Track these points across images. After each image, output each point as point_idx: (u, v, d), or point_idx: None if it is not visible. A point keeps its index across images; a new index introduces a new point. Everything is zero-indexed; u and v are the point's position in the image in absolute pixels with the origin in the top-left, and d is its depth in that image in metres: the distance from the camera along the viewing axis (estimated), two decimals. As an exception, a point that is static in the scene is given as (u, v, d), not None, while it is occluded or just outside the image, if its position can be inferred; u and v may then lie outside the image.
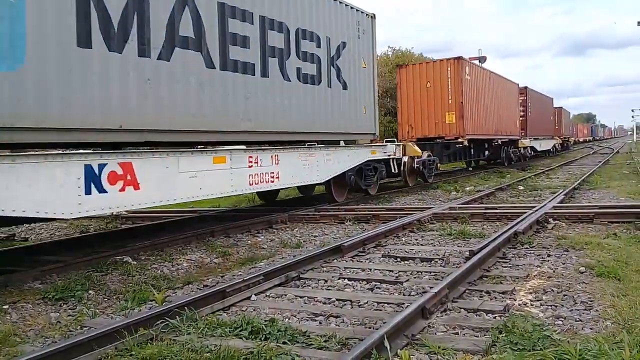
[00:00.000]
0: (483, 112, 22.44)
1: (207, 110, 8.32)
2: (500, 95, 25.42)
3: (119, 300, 5.54)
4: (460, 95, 19.78)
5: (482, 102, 22.44)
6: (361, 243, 7.37)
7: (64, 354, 3.64)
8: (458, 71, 19.90)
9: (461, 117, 19.71)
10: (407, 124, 20.68)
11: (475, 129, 21.22)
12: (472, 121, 20.75)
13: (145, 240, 8.63)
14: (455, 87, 19.83)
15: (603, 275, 5.43)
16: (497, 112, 24.68)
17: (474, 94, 21.27)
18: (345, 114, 12.08)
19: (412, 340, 3.91)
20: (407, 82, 20.68)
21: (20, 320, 4.93)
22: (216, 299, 4.93)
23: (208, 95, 8.34)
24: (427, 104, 20.25)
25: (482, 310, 4.51)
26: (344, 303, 4.99)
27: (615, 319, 4.18)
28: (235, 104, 8.93)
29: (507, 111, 26.56)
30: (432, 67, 20.56)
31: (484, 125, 22.56)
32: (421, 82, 20.39)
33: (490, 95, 23.69)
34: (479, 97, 21.96)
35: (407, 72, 20.84)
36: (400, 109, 21.10)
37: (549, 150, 39.63)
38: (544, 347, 3.59)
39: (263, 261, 7.11)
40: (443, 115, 19.99)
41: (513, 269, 5.92)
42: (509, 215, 9.30)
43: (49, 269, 6.53)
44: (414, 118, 20.51)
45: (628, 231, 7.87)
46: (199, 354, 3.69)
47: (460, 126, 19.76)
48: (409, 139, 19.57)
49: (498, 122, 24.75)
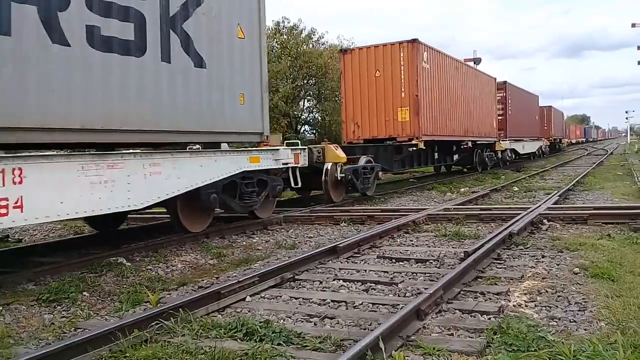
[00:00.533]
0: (447, 108, 19.14)
1: None
2: (472, 90, 22.17)
3: (113, 301, 5.52)
4: (415, 87, 16.44)
5: (447, 97, 19.16)
6: (356, 244, 7.37)
7: (57, 355, 3.62)
8: (413, 57, 16.52)
9: (416, 114, 16.41)
10: (353, 122, 17.40)
11: (436, 129, 18.01)
12: (431, 119, 17.63)
13: (140, 241, 8.61)
14: (409, 76, 16.55)
15: (597, 276, 5.45)
16: (468, 109, 21.52)
17: (435, 86, 17.98)
18: (200, 104, 8.21)
19: (407, 341, 3.91)
20: (352, 70, 17.32)
21: (13, 322, 4.91)
22: (211, 301, 4.91)
23: None
24: (376, 98, 16.93)
25: (476, 311, 4.52)
26: (339, 304, 4.99)
27: (609, 320, 4.20)
28: None
29: (480, 109, 23.37)
30: (382, 52, 16.90)
31: (449, 125, 19.29)
32: (369, 70, 17.03)
33: (458, 88, 20.43)
34: (441, 90, 18.59)
35: (352, 59, 17.37)
36: (344, 103, 17.67)
37: (533, 154, 36.41)
38: (539, 348, 3.60)
39: (258, 262, 7.10)
40: (395, 111, 16.69)
41: (508, 270, 5.94)
42: (503, 217, 9.32)
43: (42, 271, 6.50)
44: (361, 115, 17.21)
45: (622, 232, 7.90)
46: (193, 356, 3.68)
47: (415, 125, 16.47)
48: (356, 140, 17.21)
49: (468, 121, 21.59)
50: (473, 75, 23.00)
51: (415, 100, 16.44)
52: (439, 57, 18.69)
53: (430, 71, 17.59)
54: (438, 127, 18.21)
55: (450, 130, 19.49)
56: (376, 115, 16.97)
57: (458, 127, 20.31)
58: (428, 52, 17.50)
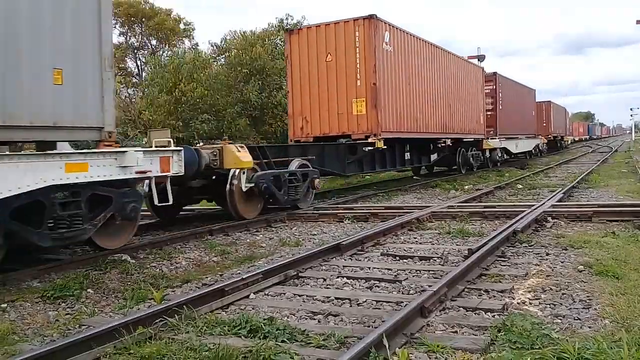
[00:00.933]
0: (419, 101, 16.37)
1: None
2: (453, 81, 19.29)
3: (117, 298, 5.54)
4: (372, 73, 13.65)
5: (418, 88, 16.33)
6: (360, 242, 7.37)
7: (62, 352, 3.63)
8: (370, 37, 13.64)
9: (374, 107, 13.64)
10: (301, 116, 14.67)
11: (402, 125, 15.21)
12: (395, 113, 14.80)
13: (144, 238, 8.63)
14: (366, 61, 13.71)
15: (602, 273, 5.43)
16: (447, 102, 18.66)
17: (401, 73, 15.12)
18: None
19: (410, 338, 3.91)
20: (300, 54, 14.62)
21: (18, 319, 4.93)
22: (215, 298, 4.92)
23: None
24: (327, 88, 14.22)
25: (480, 309, 4.51)
26: (342, 302, 4.99)
27: (613, 318, 4.19)
28: None
29: (464, 102, 20.49)
30: (335, 31, 14.09)
31: (422, 120, 16.59)
32: (319, 54, 14.31)
33: (434, 78, 17.59)
34: (411, 79, 15.76)
35: (300, 40, 14.62)
36: (291, 94, 15.00)
37: (529, 153, 33.17)
38: (543, 345, 3.59)
39: (262, 260, 7.10)
40: (349, 103, 14.00)
41: (512, 268, 5.92)
42: (507, 214, 9.30)
43: (47, 268, 6.52)
44: (310, 108, 14.49)
45: (627, 230, 7.87)
46: (197, 353, 3.69)
47: (372, 120, 13.71)
48: (304, 137, 14.58)
49: (448, 117, 18.75)
50: (455, 63, 19.74)
51: (373, 90, 13.65)
52: (407, 39, 15.73)
53: (394, 55, 14.69)
54: (405, 123, 15.42)
55: (424, 126, 16.76)
56: (328, 109, 14.25)
57: (434, 123, 17.58)
58: (391, 31, 14.58)
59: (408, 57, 15.69)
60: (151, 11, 36.43)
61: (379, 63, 13.86)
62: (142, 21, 36.82)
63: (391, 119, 14.54)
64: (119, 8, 34.48)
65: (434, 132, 17.77)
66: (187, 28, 37.79)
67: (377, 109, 13.74)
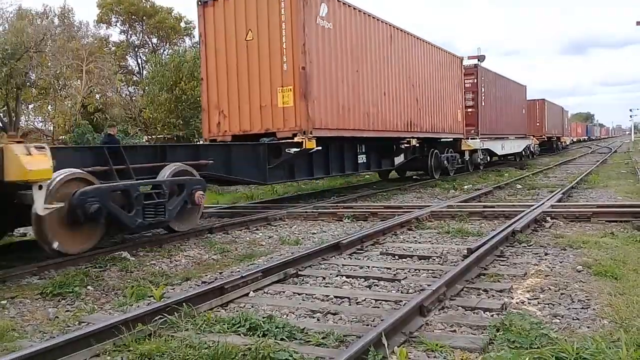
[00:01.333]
0: (371, 92, 13.52)
1: None
2: (420, 70, 16.59)
3: (117, 296, 5.55)
4: (301, 55, 10.85)
5: (370, 75, 13.49)
6: (359, 240, 7.38)
7: (62, 349, 3.64)
8: (299, 10, 10.94)
9: (303, 97, 10.87)
10: (218, 109, 11.95)
11: (346, 120, 12.37)
12: (335, 106, 11.94)
13: (144, 236, 8.63)
14: (294, 39, 10.93)
15: (600, 274, 5.44)
16: (412, 96, 15.94)
17: (343, 56, 12.24)
18: None
19: (409, 337, 3.91)
20: (216, 32, 11.89)
21: (18, 316, 4.94)
22: (214, 296, 4.93)
23: None
24: (248, 74, 11.46)
25: (479, 308, 4.52)
26: (342, 300, 5.00)
27: (612, 318, 4.20)
28: None
29: (437, 97, 17.94)
30: (257, 2, 11.37)
31: (376, 116, 13.75)
32: (239, 31, 11.58)
33: (393, 66, 14.71)
34: (358, 64, 12.85)
35: (215, 14, 11.88)
36: (205, 83, 12.18)
37: (519, 154, 30.37)
38: (542, 345, 3.60)
39: (261, 258, 7.11)
40: (274, 93, 11.26)
41: (511, 268, 5.93)
42: (506, 214, 9.31)
43: (47, 265, 6.53)
44: (228, 100, 11.79)
45: (625, 230, 7.88)
46: (197, 350, 3.70)
47: (302, 113, 10.96)
48: (221, 136, 11.91)
49: (413, 113, 16.00)
50: (425, 51, 16.94)
51: (302, 76, 10.85)
52: (354, 16, 12.86)
53: (334, 34, 11.92)
54: (352, 119, 12.62)
55: (380, 123, 13.92)
56: (249, 100, 11.53)
57: (395, 120, 14.83)
58: (330, 4, 11.85)
59: (356, 38, 12.77)
60: (152, 9, 36.42)
61: (311, 42, 10.99)
62: (142, 19, 36.80)
63: (329, 113, 11.75)
64: (120, 6, 34.47)
65: (395, 131, 14.94)
66: (187, 27, 37.75)
67: (308, 99, 10.94)
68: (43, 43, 20.84)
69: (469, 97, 22.01)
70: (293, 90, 11.03)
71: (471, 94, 22.13)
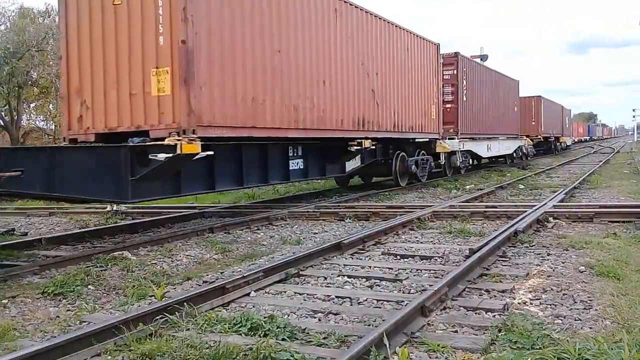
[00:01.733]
0: (300, 79, 10.30)
1: None
2: (378, 54, 13.29)
3: (118, 295, 5.54)
4: (181, 23, 7.82)
5: (296, 57, 10.24)
6: (361, 240, 7.36)
7: (62, 348, 3.63)
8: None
9: (184, 83, 7.85)
10: (80, 98, 8.74)
11: (256, 116, 9.13)
12: (234, 95, 8.70)
13: (145, 235, 8.63)
14: (172, 3, 7.88)
15: (603, 274, 5.43)
16: (366, 86, 12.67)
17: (251, 29, 9.08)
18: None
19: (411, 338, 3.91)
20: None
21: (19, 315, 4.93)
22: (216, 295, 4.92)
23: None
24: (116, 50, 8.37)
25: (481, 309, 4.51)
26: (343, 300, 4.99)
27: (614, 319, 4.18)
28: None
29: (403, 88, 14.71)
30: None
31: (308, 110, 10.50)
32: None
33: (335, 46, 11.44)
34: (278, 41, 9.71)
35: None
36: (65, 61, 8.92)
37: (509, 156, 27.15)
38: (544, 346, 3.59)
39: (263, 258, 7.10)
40: (147, 76, 8.13)
41: (513, 268, 5.92)
42: (509, 214, 9.29)
43: (48, 264, 6.53)
44: (92, 85, 8.62)
45: (628, 231, 7.86)
46: (198, 350, 3.69)
47: (181, 105, 7.88)
48: (84, 134, 8.69)
49: (368, 107, 12.74)
50: (384, 31, 13.68)
51: (183, 54, 7.82)
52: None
53: (241, 1, 8.88)
54: (266, 113, 9.33)
55: (315, 120, 10.70)
56: (117, 86, 8.39)
57: (340, 116, 11.61)
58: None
59: (279, 9, 9.76)
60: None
61: (198, 7, 7.97)
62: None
63: (231, 106, 8.58)
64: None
65: (340, 130, 11.67)
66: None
67: (190, 86, 7.83)
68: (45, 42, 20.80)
69: (447, 90, 19.09)
70: (171, 72, 7.93)
71: (450, 88, 19.23)
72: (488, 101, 22.94)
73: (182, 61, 7.86)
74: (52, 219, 11.31)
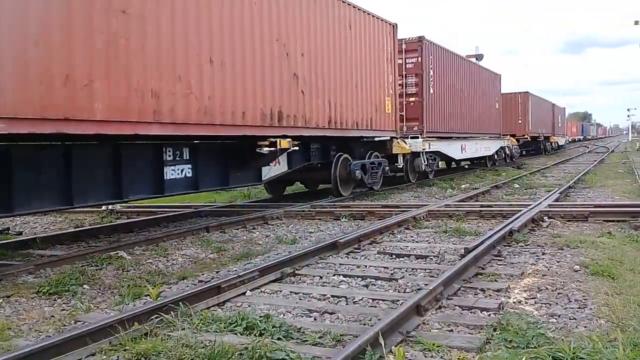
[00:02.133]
0: (167, 52, 7.24)
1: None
2: (302, 29, 10.36)
3: (113, 295, 5.53)
4: None
5: (161, 20, 7.15)
6: (356, 240, 7.37)
7: (57, 348, 3.62)
8: None
9: None
10: None
11: (76, 105, 6.07)
12: (31, 74, 5.63)
13: (140, 235, 8.61)
14: None
15: (597, 273, 5.45)
16: (283, 68, 9.75)
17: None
18: None
19: (406, 337, 3.91)
20: None
21: (14, 315, 4.91)
22: (211, 295, 4.92)
23: None
24: None
25: (476, 308, 4.52)
26: (339, 299, 5.00)
27: (609, 318, 4.20)
28: None
29: (340, 74, 11.69)
30: None
31: (189, 97, 7.58)
32: None
33: (233, 11, 8.46)
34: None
35: None
36: None
37: (490, 158, 24.29)
38: (538, 345, 3.60)
39: (258, 257, 7.10)
40: None
41: (508, 267, 5.93)
42: (504, 213, 9.31)
43: (43, 263, 6.51)
44: None
45: (622, 230, 7.89)
46: (193, 350, 3.68)
47: None
48: None
49: (286, 95, 9.84)
50: (315, 3, 10.81)
51: None
52: None
53: None
54: (98, 100, 6.36)
55: (193, 111, 7.71)
56: None
57: (242, 106, 8.69)
58: None
59: None
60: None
61: None
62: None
63: (25, 91, 5.66)
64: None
65: (239, 125, 8.71)
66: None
67: None
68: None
69: (410, 82, 16.53)
70: None
71: (414, 78, 16.54)
72: (463, 95, 20.17)
73: None
74: (47, 218, 11.26)
